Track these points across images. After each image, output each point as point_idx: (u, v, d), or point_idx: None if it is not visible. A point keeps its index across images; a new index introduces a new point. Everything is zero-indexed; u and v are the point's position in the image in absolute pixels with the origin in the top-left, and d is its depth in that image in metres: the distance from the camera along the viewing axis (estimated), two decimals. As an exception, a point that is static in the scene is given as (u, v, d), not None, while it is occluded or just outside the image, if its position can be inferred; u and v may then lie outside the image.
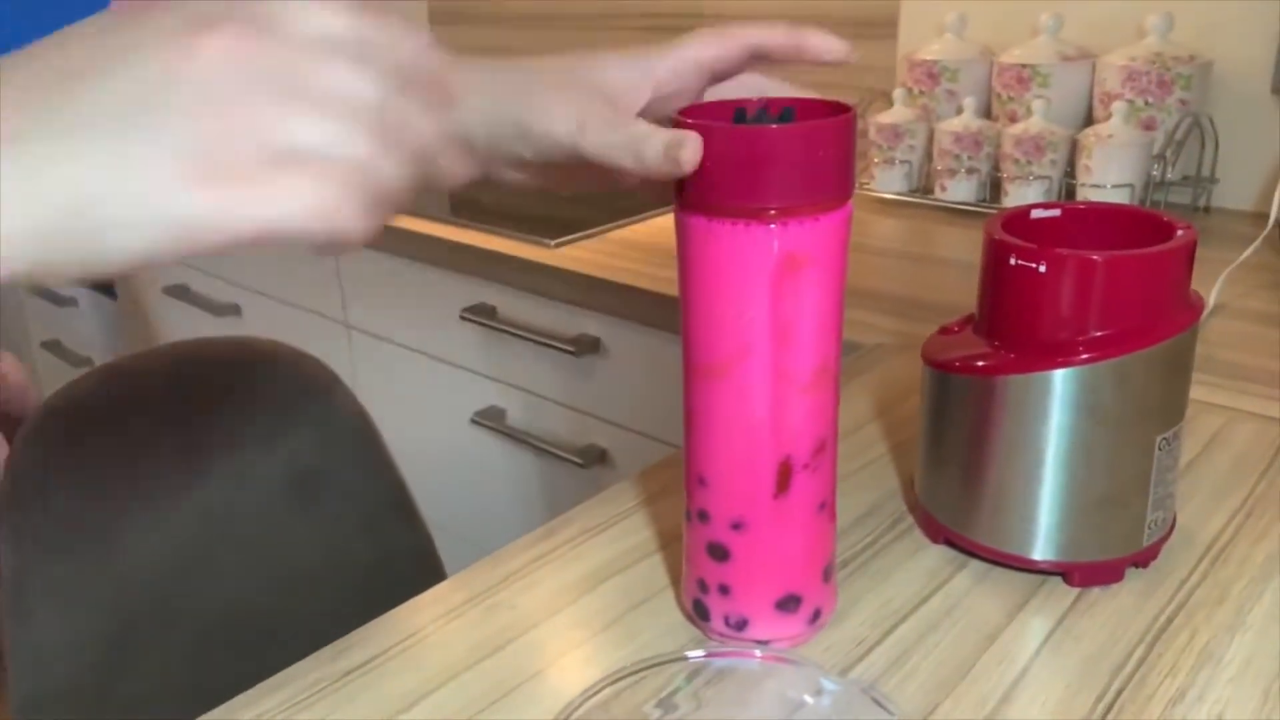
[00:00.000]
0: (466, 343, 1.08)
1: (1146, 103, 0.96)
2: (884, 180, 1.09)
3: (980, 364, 0.45)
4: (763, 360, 0.38)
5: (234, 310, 1.41)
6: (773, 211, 0.35)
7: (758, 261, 0.36)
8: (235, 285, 1.40)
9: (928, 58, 1.08)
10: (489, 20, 1.64)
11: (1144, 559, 0.46)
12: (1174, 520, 0.48)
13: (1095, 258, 0.41)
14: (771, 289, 0.36)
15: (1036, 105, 0.98)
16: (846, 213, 0.37)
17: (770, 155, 0.35)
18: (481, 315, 1.03)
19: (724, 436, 0.39)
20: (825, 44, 0.40)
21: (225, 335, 0.71)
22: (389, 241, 1.12)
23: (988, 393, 0.45)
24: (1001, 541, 0.46)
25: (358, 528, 0.70)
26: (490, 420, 1.07)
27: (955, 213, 1.04)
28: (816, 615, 0.42)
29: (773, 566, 0.41)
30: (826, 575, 0.43)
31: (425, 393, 1.17)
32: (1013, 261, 0.43)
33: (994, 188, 1.03)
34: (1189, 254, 0.42)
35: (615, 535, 0.52)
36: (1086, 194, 0.94)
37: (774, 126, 0.37)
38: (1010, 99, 1.03)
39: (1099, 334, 0.42)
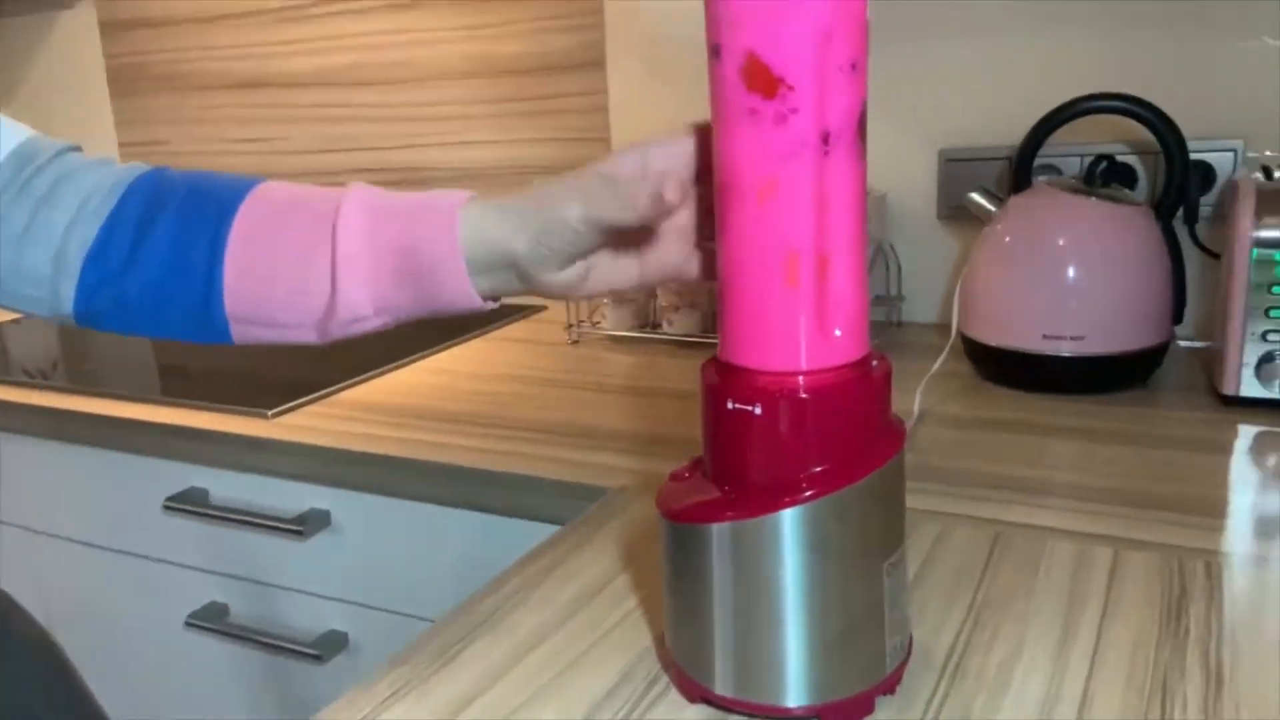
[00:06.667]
0: (174, 535, 0.96)
1: (837, 233, 1.05)
2: (614, 319, 1.11)
3: (711, 510, 0.44)
4: None
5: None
6: None
7: None
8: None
9: (641, 201, 1.13)
10: (160, 22, 1.57)
11: (890, 685, 0.46)
12: (911, 640, 0.49)
13: (803, 395, 0.42)
14: None
15: (743, 241, 1.04)
16: None
17: None
18: (190, 503, 0.92)
19: None
20: None
21: None
22: (70, 429, 0.99)
23: (722, 539, 0.44)
24: (754, 693, 0.45)
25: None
26: (209, 620, 0.94)
27: (682, 345, 1.08)
28: None
29: None
30: None
31: (128, 599, 1.02)
32: (730, 405, 0.43)
33: (715, 320, 1.07)
34: (887, 382, 0.44)
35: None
36: (798, 319, 1.01)
37: None
38: (720, 236, 1.09)
39: (818, 470, 0.42)
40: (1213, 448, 0.73)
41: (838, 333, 0.42)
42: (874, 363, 0.45)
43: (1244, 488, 0.67)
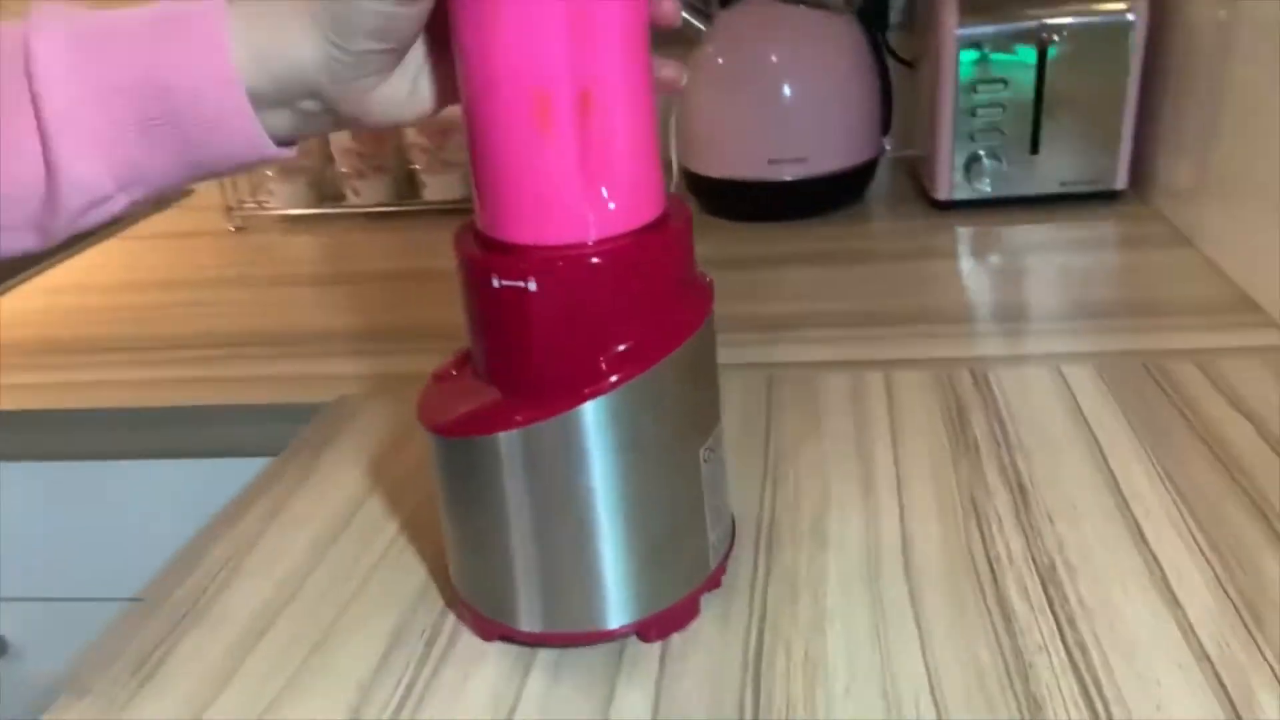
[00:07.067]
0: None
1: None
2: (285, 195, 0.93)
3: (494, 417, 0.34)
4: None
5: None
6: None
7: None
8: None
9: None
10: None
11: (716, 580, 0.40)
12: (733, 525, 0.43)
13: (593, 260, 0.32)
14: None
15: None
16: None
17: None
18: None
19: None
20: None
21: None
22: None
23: (512, 451, 0.34)
24: (566, 621, 0.37)
25: None
26: None
27: (375, 217, 0.93)
28: None
29: None
30: None
31: None
32: (497, 283, 0.32)
33: (410, 183, 0.93)
34: (688, 232, 0.36)
35: None
36: (503, 172, 0.89)
37: None
38: (397, 84, 0.94)
39: (620, 349, 0.33)
40: (939, 254, 0.74)
41: (608, 199, 0.33)
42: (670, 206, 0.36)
43: (979, 290, 0.68)
